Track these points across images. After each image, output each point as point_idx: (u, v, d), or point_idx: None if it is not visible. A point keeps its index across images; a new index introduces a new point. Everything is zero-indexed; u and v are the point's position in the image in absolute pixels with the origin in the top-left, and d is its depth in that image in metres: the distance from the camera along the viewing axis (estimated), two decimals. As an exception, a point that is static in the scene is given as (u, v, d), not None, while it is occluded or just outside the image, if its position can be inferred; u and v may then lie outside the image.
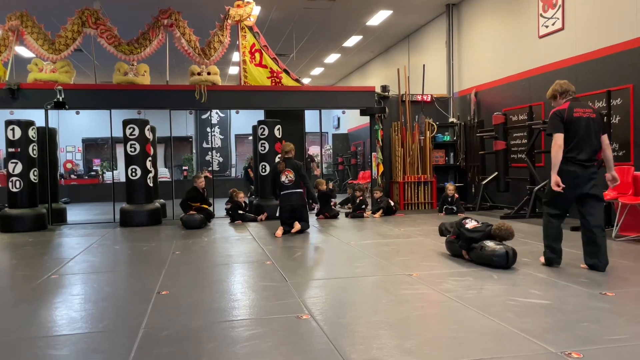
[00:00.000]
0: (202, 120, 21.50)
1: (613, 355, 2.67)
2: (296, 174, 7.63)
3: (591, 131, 4.62)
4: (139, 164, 9.25)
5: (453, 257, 5.38)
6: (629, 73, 7.45)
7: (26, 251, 6.77)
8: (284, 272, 4.89)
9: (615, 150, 7.64)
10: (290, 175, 7.61)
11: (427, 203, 11.18)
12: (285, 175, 7.61)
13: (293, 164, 7.68)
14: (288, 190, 7.63)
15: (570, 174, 4.61)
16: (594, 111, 4.73)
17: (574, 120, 4.61)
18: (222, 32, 10.22)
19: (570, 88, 4.92)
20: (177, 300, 3.98)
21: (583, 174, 4.61)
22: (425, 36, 13.92)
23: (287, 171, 7.61)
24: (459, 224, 5.33)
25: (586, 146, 4.61)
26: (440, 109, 12.02)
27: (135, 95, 9.88)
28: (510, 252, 4.80)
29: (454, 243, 5.39)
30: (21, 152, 8.79)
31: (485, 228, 5.14)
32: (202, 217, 8.71)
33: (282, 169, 7.62)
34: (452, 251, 5.47)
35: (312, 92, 11.10)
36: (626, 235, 6.37)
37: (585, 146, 4.61)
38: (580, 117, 4.63)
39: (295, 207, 7.58)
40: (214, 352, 2.83)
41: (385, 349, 2.82)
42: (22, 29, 9.48)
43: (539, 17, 9.31)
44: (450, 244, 5.48)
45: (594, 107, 4.89)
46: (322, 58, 17.50)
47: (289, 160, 7.70)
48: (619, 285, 4.15)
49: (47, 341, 3.13)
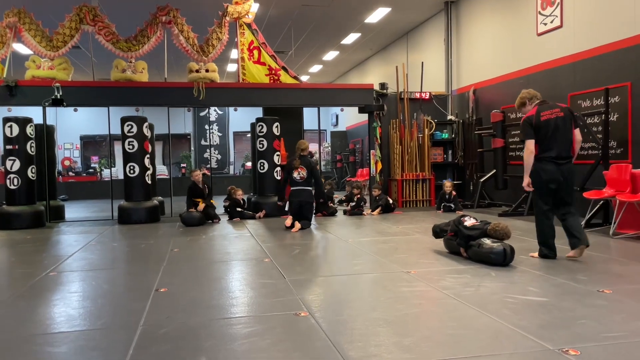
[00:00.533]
0: (200, 117, 21.47)
1: (610, 352, 2.68)
2: (308, 172, 7.90)
3: (560, 130, 4.97)
4: (137, 161, 9.24)
5: (451, 254, 5.40)
6: (627, 71, 7.46)
7: (24, 248, 6.76)
8: (282, 269, 4.90)
9: (613, 148, 7.66)
10: (302, 173, 7.89)
11: (426, 200, 11.19)
12: (297, 172, 7.88)
13: (307, 162, 7.97)
14: (298, 187, 7.91)
15: (547, 172, 4.99)
16: (562, 109, 5.05)
17: (542, 124, 4.98)
18: (220, 29, 10.20)
19: (536, 94, 5.30)
20: (176, 297, 3.99)
21: (557, 170, 4.97)
22: (423, 34, 13.91)
23: (301, 168, 7.89)
24: (457, 222, 5.34)
25: (558, 145, 4.97)
26: (438, 107, 12.02)
27: (133, 92, 9.86)
28: (508, 249, 4.81)
29: (451, 240, 5.39)
30: (19, 149, 8.78)
31: (484, 226, 5.15)
32: (201, 215, 8.72)
33: (297, 166, 7.89)
34: (450, 248, 5.48)
35: (310, 89, 11.10)
36: (624, 233, 6.39)
37: (557, 145, 4.97)
38: (548, 119, 4.99)
39: (302, 203, 7.86)
40: (212, 350, 2.83)
41: (384, 346, 2.82)
42: (20, 26, 9.45)
43: (538, 15, 9.31)
44: (448, 242, 5.49)
45: (562, 106, 5.15)
46: (320, 55, 17.48)
47: (304, 158, 7.98)
48: (617, 283, 4.16)
49: (45, 338, 3.13)
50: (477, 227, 5.17)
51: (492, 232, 5.03)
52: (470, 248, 5.07)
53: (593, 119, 7.98)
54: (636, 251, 5.52)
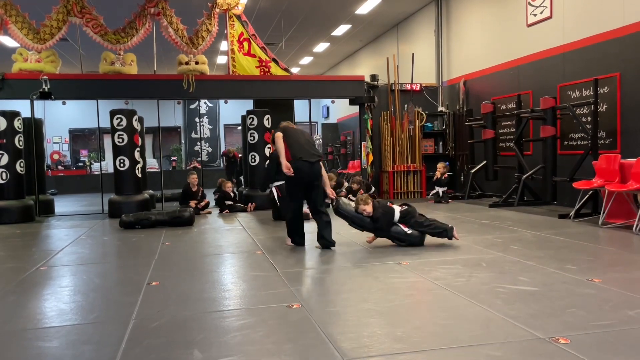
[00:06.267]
0: (190, 110, 21.34)
1: (599, 340, 2.71)
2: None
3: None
4: (127, 154, 9.18)
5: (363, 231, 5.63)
6: (616, 61, 7.50)
7: (14, 243, 6.71)
8: (274, 262, 4.90)
9: (602, 138, 7.72)
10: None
11: (417, 192, 11.23)
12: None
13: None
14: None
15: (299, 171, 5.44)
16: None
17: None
18: (209, 21, 10.12)
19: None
20: (168, 291, 3.98)
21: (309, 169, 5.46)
22: (414, 25, 13.89)
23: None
24: (415, 217, 5.46)
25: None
26: (429, 98, 12.04)
27: (123, 85, 9.78)
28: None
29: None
30: (7, 143, 8.69)
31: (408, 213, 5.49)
32: (192, 213, 8.42)
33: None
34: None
35: (301, 81, 11.07)
36: (612, 223, 6.45)
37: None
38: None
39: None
40: (204, 342, 2.83)
41: (376, 336, 2.84)
42: (6, 18, 9.31)
43: (527, 6, 9.33)
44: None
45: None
46: (311, 47, 17.41)
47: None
48: (606, 272, 4.21)
49: (36, 333, 3.11)
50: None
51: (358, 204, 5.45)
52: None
53: (582, 110, 8.03)
54: (625, 240, 5.58)
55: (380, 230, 5.47)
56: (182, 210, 7.97)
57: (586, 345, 2.62)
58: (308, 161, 5.42)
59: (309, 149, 5.53)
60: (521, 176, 8.76)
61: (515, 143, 9.03)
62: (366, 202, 5.46)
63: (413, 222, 5.41)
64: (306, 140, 5.63)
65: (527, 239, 5.73)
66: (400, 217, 5.42)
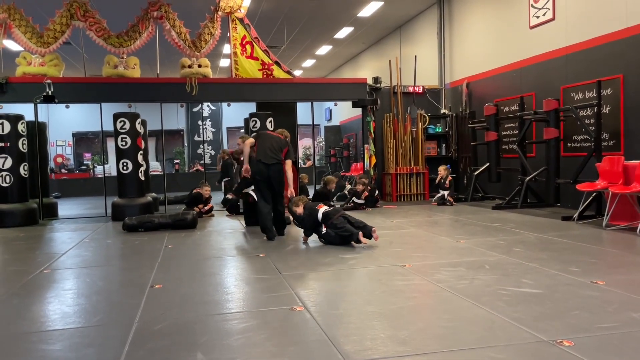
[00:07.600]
0: (193, 113, 21.38)
1: (603, 342, 2.70)
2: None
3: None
4: (130, 157, 9.20)
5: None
6: (619, 63, 7.49)
7: (17, 246, 6.72)
8: (277, 264, 4.90)
9: (606, 140, 7.70)
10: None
11: (420, 194, 11.21)
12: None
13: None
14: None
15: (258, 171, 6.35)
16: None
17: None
18: (212, 24, 10.15)
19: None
20: (171, 293, 3.98)
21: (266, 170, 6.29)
22: (416, 27, 13.90)
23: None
24: (332, 219, 5.80)
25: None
26: (432, 100, 12.03)
27: (126, 88, 9.80)
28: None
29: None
30: (11, 146, 8.72)
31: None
32: (195, 216, 8.38)
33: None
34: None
35: (303, 84, 11.07)
36: (616, 225, 6.43)
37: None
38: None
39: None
40: (207, 345, 2.83)
41: (379, 339, 2.83)
42: (10, 22, 9.35)
43: (530, 8, 9.32)
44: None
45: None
46: (313, 50, 17.43)
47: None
48: (610, 274, 4.19)
49: (39, 336, 3.12)
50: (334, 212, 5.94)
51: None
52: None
53: (585, 112, 8.01)
54: (628, 242, 5.56)
55: (307, 229, 6.09)
56: (185, 213, 7.99)
57: (590, 348, 2.61)
58: (265, 163, 6.28)
59: (269, 152, 6.33)
60: (524, 178, 8.75)
61: (518, 145, 9.02)
62: (297, 205, 6.10)
63: (329, 223, 5.85)
64: (270, 145, 6.40)
65: (531, 241, 5.72)
66: (322, 217, 5.91)
